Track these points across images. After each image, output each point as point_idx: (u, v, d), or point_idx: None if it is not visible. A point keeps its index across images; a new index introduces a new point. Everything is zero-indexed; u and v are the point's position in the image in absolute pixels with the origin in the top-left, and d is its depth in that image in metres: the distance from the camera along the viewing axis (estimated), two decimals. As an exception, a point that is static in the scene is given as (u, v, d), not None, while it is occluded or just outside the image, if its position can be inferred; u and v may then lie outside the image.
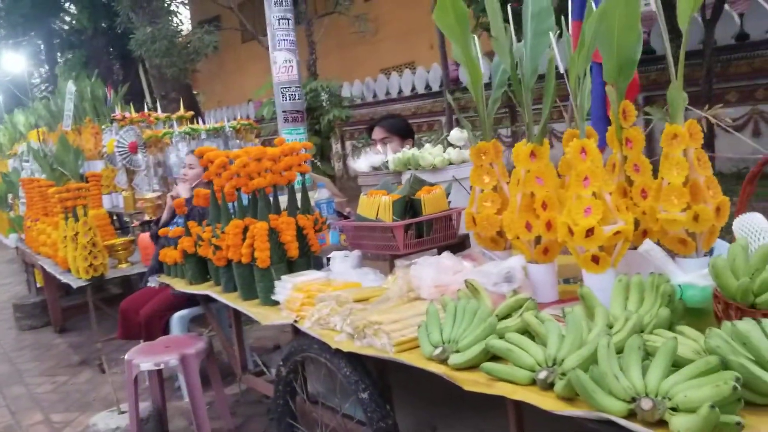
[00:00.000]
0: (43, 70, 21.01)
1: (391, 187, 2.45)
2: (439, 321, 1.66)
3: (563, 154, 1.92)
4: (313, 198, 2.99)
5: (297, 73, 3.74)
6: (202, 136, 4.82)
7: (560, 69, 1.84)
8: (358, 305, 1.92)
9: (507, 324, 1.56)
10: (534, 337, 1.51)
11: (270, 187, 2.56)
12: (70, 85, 6.23)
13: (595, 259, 1.75)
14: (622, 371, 1.21)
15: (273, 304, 2.36)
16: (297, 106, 3.75)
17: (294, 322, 2.14)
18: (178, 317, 3.55)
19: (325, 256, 2.67)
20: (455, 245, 2.39)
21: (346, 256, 2.41)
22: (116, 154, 5.15)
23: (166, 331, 3.54)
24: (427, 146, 2.75)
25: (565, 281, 2.13)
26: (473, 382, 1.46)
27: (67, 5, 18.15)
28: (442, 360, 1.57)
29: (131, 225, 5.23)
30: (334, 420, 2.17)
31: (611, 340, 1.25)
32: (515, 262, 1.81)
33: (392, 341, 1.69)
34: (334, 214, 3.13)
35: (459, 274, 1.89)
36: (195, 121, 5.14)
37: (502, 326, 1.55)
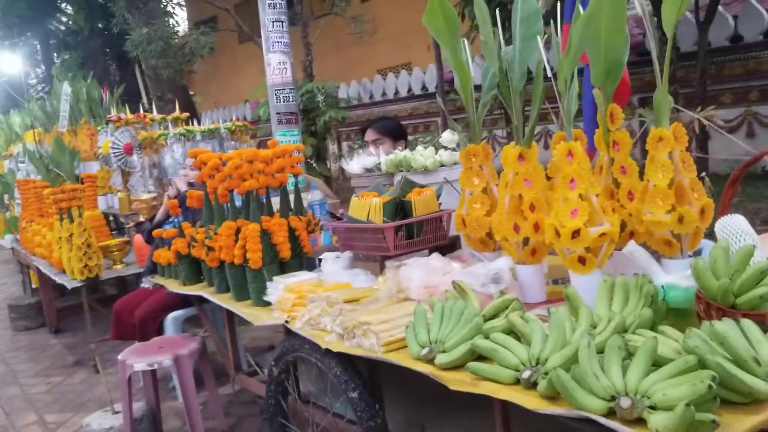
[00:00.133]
0: (39, 70, 20.98)
1: (383, 189, 2.47)
2: (427, 321, 1.68)
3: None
4: (306, 199, 3.01)
5: (291, 75, 3.75)
6: (197, 138, 4.84)
7: (548, 73, 1.86)
8: (348, 306, 1.94)
9: (493, 324, 1.58)
10: (520, 338, 1.53)
11: (263, 188, 2.58)
12: (66, 87, 6.25)
13: (582, 260, 1.78)
14: (603, 371, 1.23)
15: (265, 304, 2.37)
16: (291, 108, 3.77)
17: (285, 322, 2.16)
18: (172, 318, 3.57)
19: (318, 257, 2.69)
20: (446, 246, 2.41)
21: (338, 257, 2.42)
22: (111, 155, 5.17)
23: (161, 331, 3.55)
24: (419, 148, 2.77)
25: (554, 282, 2.15)
26: (459, 382, 1.48)
27: (63, 6, 18.14)
28: (429, 360, 1.58)
29: (126, 226, 5.24)
30: (324, 419, 2.18)
31: (592, 340, 1.27)
32: (503, 264, 1.84)
33: (381, 341, 1.71)
34: (327, 215, 3.15)
35: (448, 275, 1.91)
36: (190, 123, 5.16)
37: (488, 326, 1.57)
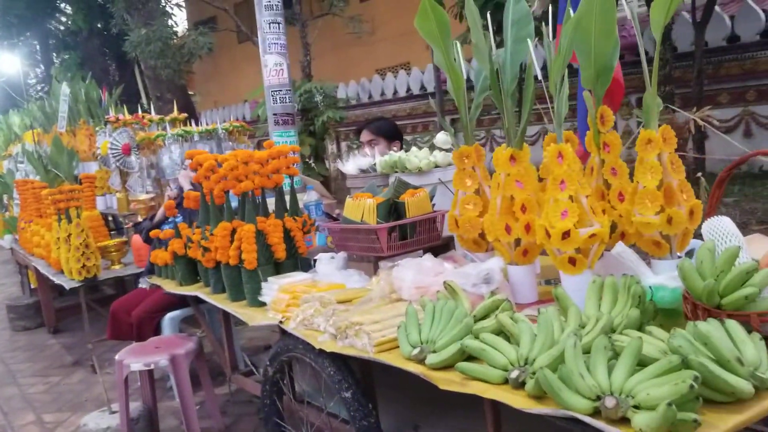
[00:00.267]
0: (39, 70, 21.00)
1: (377, 190, 2.49)
2: (418, 322, 1.69)
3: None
4: (302, 200, 3.02)
5: (287, 76, 3.77)
6: (195, 138, 4.85)
7: (538, 75, 1.88)
8: (341, 306, 1.96)
9: (483, 325, 1.59)
10: (509, 338, 1.54)
11: (258, 189, 2.60)
12: (65, 87, 6.26)
13: (572, 261, 1.79)
14: (589, 370, 1.25)
15: (260, 305, 2.39)
16: (287, 109, 3.79)
17: (279, 322, 2.18)
18: (170, 318, 3.58)
19: (313, 257, 2.71)
20: (440, 247, 2.43)
21: (332, 257, 2.44)
22: (110, 155, 5.18)
23: (158, 331, 3.56)
24: (414, 149, 2.79)
25: (546, 282, 2.17)
26: (448, 381, 1.50)
27: (62, 6, 18.15)
28: (420, 360, 1.60)
29: (125, 226, 5.26)
30: (319, 418, 2.20)
31: (578, 340, 1.29)
32: (494, 264, 1.85)
33: (373, 341, 1.73)
34: (323, 215, 3.16)
35: (440, 276, 1.92)
36: (188, 123, 5.17)
37: (478, 327, 1.59)
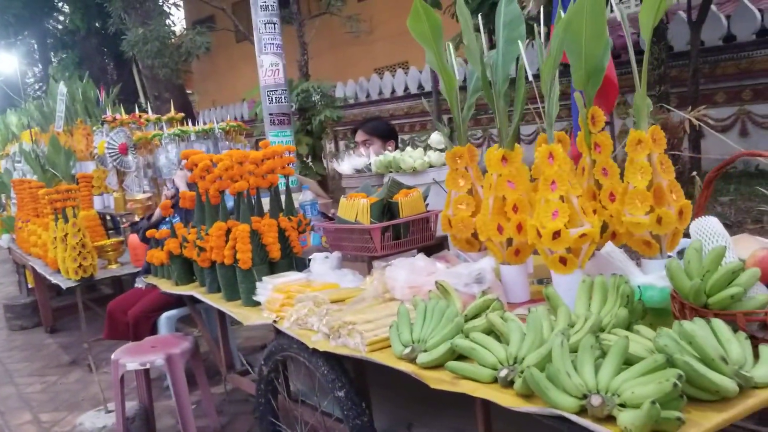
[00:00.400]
0: (36, 69, 21.00)
1: (371, 190, 2.50)
2: (410, 321, 1.71)
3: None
4: (297, 200, 3.04)
5: (283, 76, 3.78)
6: (192, 138, 4.85)
7: (529, 76, 1.89)
8: (335, 306, 1.97)
9: (474, 324, 1.61)
10: (500, 337, 1.56)
11: (254, 189, 2.61)
12: (62, 87, 6.26)
13: (563, 261, 1.81)
14: (576, 369, 1.26)
15: (255, 304, 2.41)
16: (283, 108, 3.80)
17: (273, 322, 2.19)
18: (166, 317, 3.60)
19: (308, 257, 2.72)
20: (434, 246, 2.44)
21: (327, 257, 2.45)
22: (107, 155, 5.19)
23: (154, 331, 3.58)
24: (408, 149, 2.80)
25: (539, 282, 2.18)
26: (439, 381, 1.51)
27: (60, 5, 18.14)
28: (411, 359, 1.62)
29: (122, 226, 5.27)
30: (313, 417, 2.22)
31: (565, 339, 1.30)
32: (486, 264, 1.87)
33: (365, 341, 1.74)
34: (319, 215, 3.18)
35: (432, 275, 1.94)
36: (185, 123, 5.18)
37: (469, 326, 1.61)
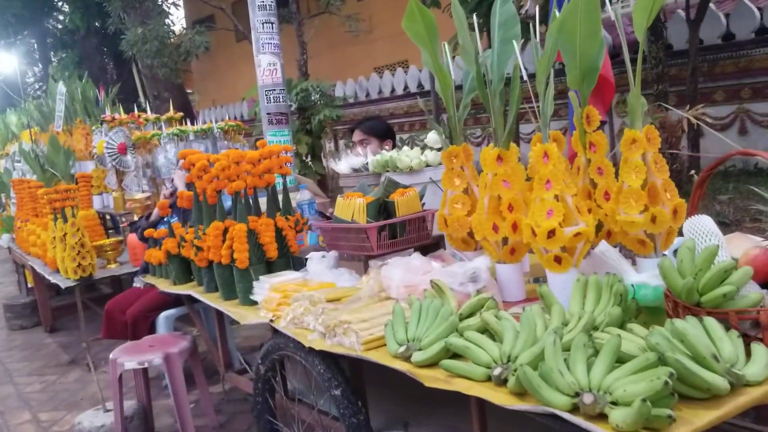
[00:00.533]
0: (36, 69, 21.01)
1: (368, 190, 2.51)
2: (405, 320, 1.72)
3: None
4: (295, 199, 3.04)
5: (281, 76, 3.79)
6: (191, 138, 4.86)
7: (524, 76, 1.89)
8: (330, 305, 1.98)
9: (468, 323, 1.62)
10: (494, 336, 1.57)
11: (251, 189, 2.61)
12: (61, 86, 6.27)
13: (558, 260, 1.82)
14: (569, 368, 1.27)
15: (252, 303, 2.41)
16: (281, 108, 3.81)
17: (270, 321, 2.20)
18: (164, 317, 3.61)
19: (305, 256, 2.73)
20: (430, 245, 2.45)
21: (324, 256, 2.46)
22: (106, 155, 5.20)
23: (153, 330, 3.59)
24: (405, 149, 2.81)
25: (535, 280, 2.19)
26: (434, 379, 1.52)
27: (60, 5, 18.15)
28: (406, 357, 1.62)
29: (121, 225, 5.28)
30: (310, 416, 2.23)
31: (558, 338, 1.31)
32: (480, 263, 1.87)
33: (360, 340, 1.75)
34: (316, 214, 3.19)
35: (428, 275, 1.94)
36: (184, 122, 5.18)
37: (463, 325, 1.61)
